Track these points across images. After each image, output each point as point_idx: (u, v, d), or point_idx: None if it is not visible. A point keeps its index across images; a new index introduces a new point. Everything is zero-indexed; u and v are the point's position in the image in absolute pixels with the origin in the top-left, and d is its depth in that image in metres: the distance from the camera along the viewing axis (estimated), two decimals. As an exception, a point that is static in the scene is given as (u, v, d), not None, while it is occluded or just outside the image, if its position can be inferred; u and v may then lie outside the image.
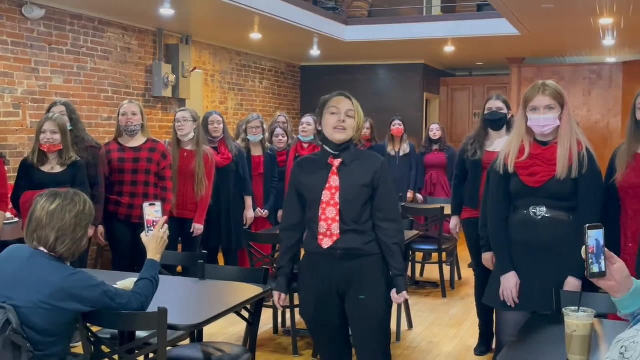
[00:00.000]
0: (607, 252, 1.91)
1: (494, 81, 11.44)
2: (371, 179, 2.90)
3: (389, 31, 8.94)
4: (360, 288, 2.90)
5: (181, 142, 5.16)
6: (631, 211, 3.30)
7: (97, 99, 6.97)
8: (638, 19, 7.00)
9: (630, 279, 1.94)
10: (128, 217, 4.77)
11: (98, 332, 2.74)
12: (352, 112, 2.91)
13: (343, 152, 2.93)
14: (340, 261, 2.90)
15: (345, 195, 2.88)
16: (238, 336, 4.87)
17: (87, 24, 6.81)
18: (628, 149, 3.33)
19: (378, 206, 2.91)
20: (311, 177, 2.96)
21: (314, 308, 2.98)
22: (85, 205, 2.54)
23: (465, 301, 6.12)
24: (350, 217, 2.88)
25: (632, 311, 1.94)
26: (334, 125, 2.90)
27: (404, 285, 2.90)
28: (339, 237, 2.87)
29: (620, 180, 3.31)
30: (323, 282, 2.94)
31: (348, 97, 2.95)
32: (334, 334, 3.01)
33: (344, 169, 2.92)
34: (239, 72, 9.57)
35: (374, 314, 2.92)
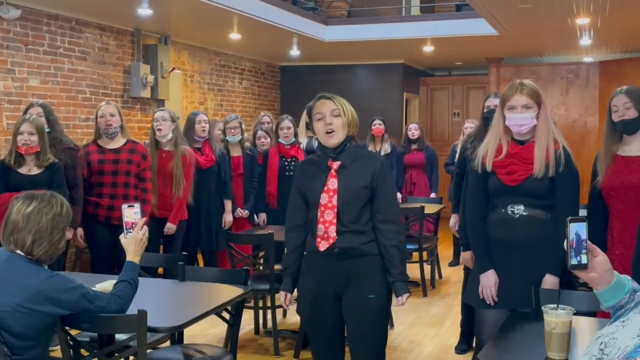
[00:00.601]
0: (590, 245, 1.93)
1: (473, 81, 11.52)
2: (370, 180, 2.88)
3: (369, 31, 8.96)
4: (359, 288, 2.89)
5: (159, 143, 5.13)
6: (615, 212, 3.35)
7: (74, 100, 6.91)
8: (614, 19, 7.08)
9: (612, 272, 1.97)
10: (108, 219, 4.73)
11: (77, 336, 2.71)
12: (337, 111, 2.89)
13: (342, 154, 2.92)
14: (338, 260, 2.89)
15: (343, 198, 2.87)
16: (219, 337, 4.85)
17: (64, 24, 6.74)
18: (606, 151, 3.37)
19: (377, 207, 2.89)
20: (312, 179, 2.96)
21: (310, 306, 2.98)
22: (62, 207, 2.51)
23: (446, 300, 6.15)
24: (349, 219, 2.87)
25: (613, 304, 1.97)
26: (323, 131, 2.90)
27: (402, 288, 2.88)
28: (335, 239, 2.87)
29: (601, 182, 3.35)
30: (320, 281, 2.94)
31: (329, 98, 2.93)
32: (328, 333, 3.00)
33: (343, 171, 2.91)
34: (218, 72, 9.53)
35: (371, 315, 2.90)
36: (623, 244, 3.32)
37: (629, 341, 1.65)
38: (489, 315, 3.10)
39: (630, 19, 7.22)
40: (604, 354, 1.70)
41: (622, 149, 3.37)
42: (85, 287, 2.49)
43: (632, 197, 3.29)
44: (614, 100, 3.34)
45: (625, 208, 3.32)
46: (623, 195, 3.31)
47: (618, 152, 3.37)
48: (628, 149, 3.35)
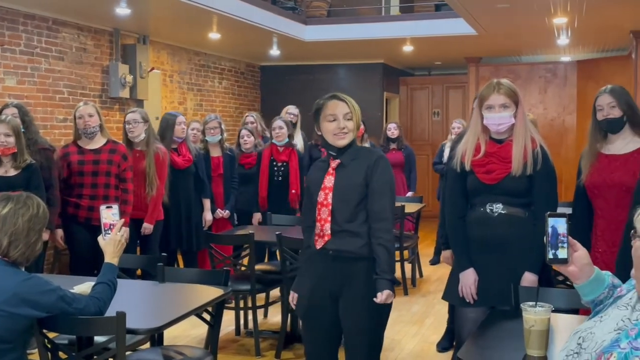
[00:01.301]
0: (571, 239, 1.95)
1: (453, 80, 11.58)
2: (364, 176, 2.87)
3: (348, 31, 8.97)
4: (353, 291, 2.87)
5: (132, 143, 5.09)
6: (598, 210, 3.38)
7: (52, 100, 6.84)
8: (591, 19, 7.15)
9: (592, 267, 1.99)
10: (88, 220, 4.69)
11: (55, 338, 2.68)
12: (350, 115, 2.88)
13: (344, 154, 2.92)
14: (333, 262, 2.89)
15: (337, 196, 2.87)
16: (200, 338, 4.83)
17: (40, 24, 6.67)
18: (590, 150, 3.41)
19: (368, 204, 2.87)
20: (315, 179, 2.98)
21: (307, 305, 2.99)
22: (38, 208, 2.48)
23: (426, 298, 6.18)
24: (343, 218, 2.86)
25: (592, 298, 1.99)
26: (334, 132, 2.88)
27: (383, 285, 2.82)
28: (330, 237, 2.87)
29: (585, 181, 3.39)
30: (316, 281, 2.94)
31: (342, 99, 2.91)
32: (324, 332, 2.99)
33: (341, 169, 2.91)
34: (197, 72, 9.49)
35: (366, 319, 2.89)
36: (606, 242, 3.35)
37: (606, 335, 1.67)
38: (469, 314, 3.12)
39: (606, 18, 7.30)
40: (582, 349, 1.72)
41: (605, 147, 3.41)
42: (63, 289, 2.47)
43: (614, 195, 3.32)
44: (599, 100, 3.37)
45: (608, 206, 3.35)
46: (606, 193, 3.35)
47: (602, 151, 3.40)
48: (612, 147, 3.39)
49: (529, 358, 2.10)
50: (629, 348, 1.50)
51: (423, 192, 8.97)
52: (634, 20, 7.49)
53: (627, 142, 3.34)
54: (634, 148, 3.33)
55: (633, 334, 1.53)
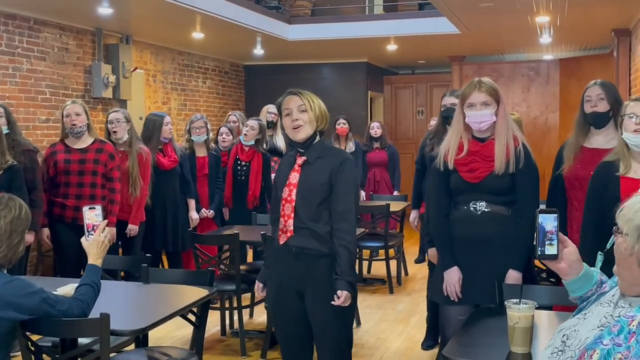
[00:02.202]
0: (561, 236, 1.97)
1: (436, 79, 11.62)
2: (329, 176, 2.89)
3: (332, 30, 8.98)
4: (318, 288, 2.89)
5: (115, 144, 5.05)
6: (576, 203, 3.39)
7: (34, 101, 6.78)
8: (573, 17, 7.21)
9: (581, 263, 2.00)
10: (75, 220, 4.65)
11: (38, 340, 2.66)
12: (304, 107, 2.90)
13: (308, 150, 2.94)
14: (296, 260, 2.90)
15: (301, 193, 2.89)
16: (185, 339, 4.81)
17: (22, 24, 6.61)
18: (576, 142, 3.43)
19: (332, 205, 2.89)
20: (282, 174, 3.00)
21: (274, 301, 3.02)
22: (21, 210, 2.46)
23: (412, 296, 6.19)
24: (306, 215, 2.88)
25: (580, 294, 2.00)
26: (290, 126, 2.92)
27: (342, 285, 2.82)
28: (292, 233, 2.89)
29: (567, 172, 3.40)
30: (281, 277, 2.96)
31: (296, 94, 2.94)
32: (293, 329, 3.00)
33: (306, 167, 2.93)
34: (181, 71, 9.45)
35: (332, 317, 2.90)
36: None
37: (589, 332, 1.68)
38: (454, 312, 3.13)
39: (588, 17, 7.36)
40: (566, 346, 1.73)
41: (588, 140, 3.43)
42: (46, 292, 2.45)
43: None
44: (588, 91, 3.39)
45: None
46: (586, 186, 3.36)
47: (584, 144, 3.42)
48: (595, 140, 3.41)
49: (513, 355, 2.11)
50: (611, 344, 1.52)
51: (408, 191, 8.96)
52: (616, 19, 7.56)
53: (610, 137, 3.37)
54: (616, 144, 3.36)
55: (615, 330, 1.55)
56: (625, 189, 2.86)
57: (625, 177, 2.90)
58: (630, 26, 7.93)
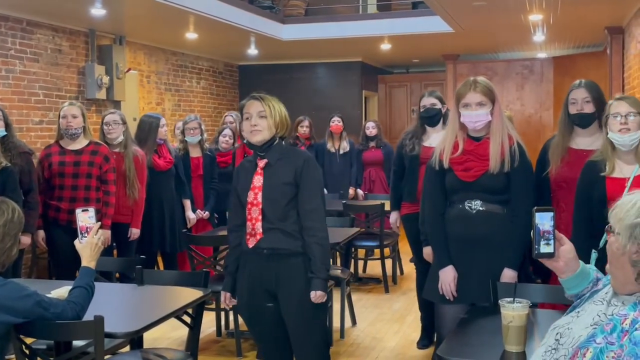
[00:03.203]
0: (558, 234, 1.97)
1: (430, 78, 11.63)
2: (293, 176, 2.92)
3: (326, 30, 8.97)
4: (290, 288, 2.91)
5: (110, 145, 5.03)
6: (563, 204, 3.39)
7: (27, 103, 6.76)
8: (566, 15, 7.22)
9: (577, 261, 2.01)
10: (69, 223, 4.62)
11: (32, 344, 2.65)
12: (263, 112, 2.92)
13: (268, 152, 2.95)
14: (268, 261, 2.92)
15: (267, 195, 2.91)
16: (181, 340, 4.80)
17: (14, 26, 6.59)
18: (562, 143, 3.42)
19: (300, 204, 2.92)
20: (243, 180, 3.01)
21: (247, 305, 3.02)
22: (14, 213, 2.45)
23: (407, 296, 6.19)
24: (275, 216, 2.90)
25: (577, 292, 2.01)
26: (247, 130, 2.95)
27: (317, 285, 2.87)
28: (262, 235, 2.90)
29: (553, 173, 3.40)
30: (253, 280, 2.97)
31: (258, 99, 2.96)
32: (269, 330, 3.02)
33: (269, 169, 2.95)
34: (175, 72, 9.43)
35: (307, 315, 2.92)
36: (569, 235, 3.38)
37: (583, 331, 1.69)
38: (449, 311, 3.13)
39: (581, 15, 7.37)
40: (560, 344, 1.73)
41: (574, 141, 3.43)
42: (40, 294, 2.44)
43: None
44: (573, 93, 3.38)
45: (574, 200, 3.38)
46: (573, 188, 3.37)
47: (570, 145, 3.43)
48: (580, 141, 3.41)
49: (507, 354, 2.12)
50: (604, 343, 1.52)
51: (403, 190, 8.97)
52: (609, 17, 7.57)
53: (594, 138, 3.36)
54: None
55: (608, 328, 1.55)
56: (611, 189, 2.88)
57: (611, 177, 2.92)
58: (623, 24, 7.95)
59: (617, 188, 2.82)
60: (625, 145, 2.90)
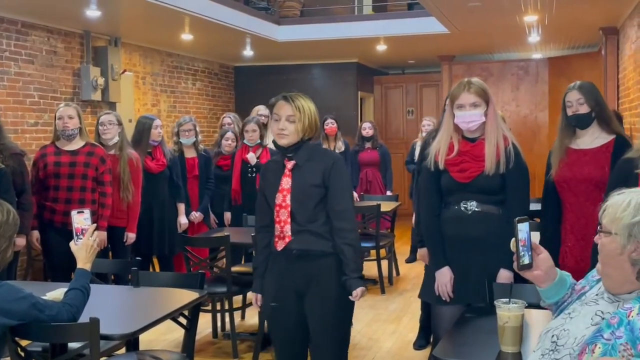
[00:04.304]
0: (534, 243, 1.96)
1: (426, 79, 11.64)
2: (322, 178, 2.88)
3: (322, 31, 8.97)
4: (319, 288, 2.88)
5: (105, 147, 5.01)
6: (567, 204, 3.41)
7: (22, 104, 6.74)
8: (561, 16, 7.24)
9: (555, 269, 2.00)
10: (64, 225, 4.60)
11: (28, 346, 2.65)
12: (293, 118, 2.87)
13: (297, 154, 2.91)
14: (297, 261, 2.89)
15: (295, 197, 2.88)
16: (177, 342, 4.79)
17: (9, 27, 6.57)
18: (560, 145, 3.45)
19: (330, 205, 2.89)
20: (270, 181, 2.97)
21: (272, 306, 2.98)
22: (8, 215, 2.44)
23: (403, 296, 6.20)
24: (304, 218, 2.87)
25: (556, 300, 2.00)
26: (275, 132, 2.91)
27: (355, 284, 2.85)
28: (291, 238, 2.88)
29: (555, 176, 3.42)
30: (280, 281, 2.94)
31: (289, 101, 2.89)
32: (290, 332, 2.99)
33: (297, 170, 2.91)
34: (170, 73, 9.42)
35: (332, 316, 2.90)
36: (575, 236, 3.39)
37: (584, 331, 1.68)
38: (445, 311, 3.13)
39: (576, 16, 7.39)
40: (558, 345, 1.73)
41: (574, 142, 3.45)
42: (35, 297, 2.43)
43: (583, 189, 3.36)
44: (568, 96, 3.41)
45: (577, 200, 3.39)
46: (575, 188, 3.38)
47: (571, 146, 3.44)
48: (581, 141, 3.43)
49: (503, 354, 2.11)
50: (613, 339, 1.52)
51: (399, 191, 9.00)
52: (603, 17, 7.59)
53: (595, 137, 3.39)
54: (602, 143, 3.38)
55: (614, 322, 1.55)
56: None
57: None
58: (618, 24, 7.97)
59: None
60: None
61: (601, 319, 1.69)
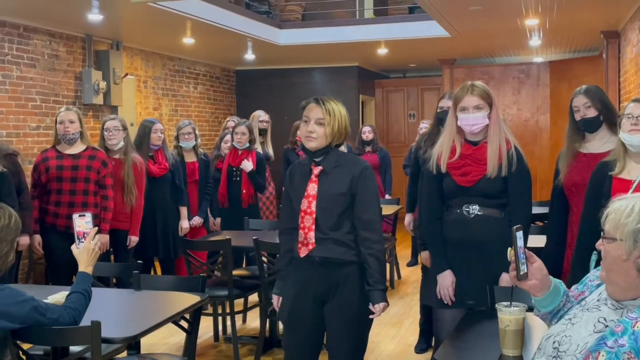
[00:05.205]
0: (527, 252, 1.95)
1: (427, 82, 11.64)
2: (348, 187, 2.84)
3: (323, 34, 8.98)
4: (340, 296, 2.86)
5: (109, 151, 5.03)
6: (575, 209, 3.41)
7: (24, 108, 6.75)
8: (562, 20, 7.24)
9: (549, 277, 1.99)
10: (67, 229, 4.59)
11: (29, 349, 2.65)
12: (322, 120, 2.84)
13: (324, 159, 2.88)
14: (320, 268, 2.86)
15: (321, 204, 2.84)
16: (178, 346, 4.79)
17: (11, 31, 6.58)
18: (568, 150, 3.45)
19: (356, 214, 2.85)
20: (296, 185, 2.95)
21: (289, 311, 2.96)
22: (10, 219, 2.45)
23: (404, 300, 6.19)
24: (328, 226, 2.83)
25: (552, 308, 1.99)
26: (304, 134, 2.88)
27: (378, 297, 2.82)
28: (314, 245, 2.84)
29: (563, 181, 3.42)
30: (300, 286, 2.92)
31: (320, 104, 2.87)
32: (304, 338, 2.96)
33: (323, 177, 2.87)
34: (172, 77, 9.43)
35: (353, 324, 2.88)
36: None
37: (587, 338, 1.67)
38: (447, 315, 3.13)
39: (577, 19, 7.39)
40: (560, 352, 1.72)
41: (584, 146, 3.44)
42: (37, 300, 2.43)
43: None
44: (575, 101, 3.41)
45: None
46: (583, 191, 3.38)
47: (580, 150, 3.44)
48: (590, 146, 3.43)
49: (504, 358, 2.11)
50: (616, 347, 1.51)
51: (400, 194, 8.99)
52: (604, 21, 7.59)
53: (604, 141, 3.37)
54: (612, 147, 3.37)
55: (619, 331, 1.54)
56: (616, 189, 2.87)
57: (618, 177, 2.92)
58: (619, 28, 7.98)
59: (622, 189, 2.82)
60: (635, 146, 2.90)
61: (604, 326, 1.68)
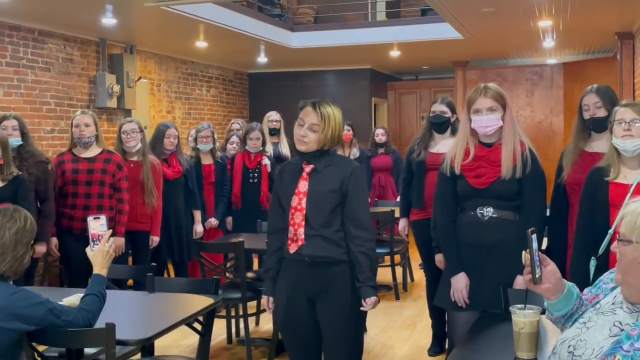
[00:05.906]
0: (541, 255, 1.94)
1: (440, 84, 11.61)
2: (340, 185, 2.86)
3: (335, 37, 8.99)
4: (331, 295, 2.87)
5: (126, 154, 5.06)
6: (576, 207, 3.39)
7: (39, 112, 6.81)
8: (576, 21, 7.20)
9: (562, 280, 1.97)
10: (83, 232, 4.62)
11: (44, 351, 2.67)
12: (316, 127, 2.85)
13: (316, 159, 2.90)
14: (310, 268, 2.88)
15: (311, 201, 2.86)
16: (192, 348, 4.81)
17: (26, 35, 6.64)
18: (574, 147, 3.43)
19: (347, 213, 2.87)
20: (286, 183, 2.96)
21: (284, 312, 2.97)
22: (26, 221, 2.47)
23: (418, 302, 6.18)
24: (318, 223, 2.86)
25: (566, 311, 1.97)
26: (296, 136, 2.90)
27: (368, 292, 2.84)
28: (304, 242, 2.86)
29: (567, 178, 3.40)
30: (292, 286, 2.93)
31: (316, 109, 2.87)
32: (303, 338, 2.98)
33: (315, 175, 2.90)
34: (185, 80, 9.48)
35: (345, 321, 2.89)
36: None
37: (603, 342, 1.66)
38: (461, 318, 3.12)
39: (591, 21, 7.35)
40: (575, 356, 1.71)
41: (589, 145, 3.43)
42: (52, 302, 2.45)
43: None
44: (585, 100, 3.40)
45: None
46: None
47: (585, 148, 3.42)
48: (596, 145, 3.41)
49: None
50: (632, 350, 1.50)
51: (413, 197, 8.96)
52: (619, 22, 7.55)
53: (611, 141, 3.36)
54: None
55: (635, 334, 1.53)
56: (613, 194, 2.87)
57: (614, 182, 2.90)
58: (633, 29, 7.93)
59: (620, 193, 2.82)
60: (628, 152, 2.89)
61: (620, 330, 1.67)
